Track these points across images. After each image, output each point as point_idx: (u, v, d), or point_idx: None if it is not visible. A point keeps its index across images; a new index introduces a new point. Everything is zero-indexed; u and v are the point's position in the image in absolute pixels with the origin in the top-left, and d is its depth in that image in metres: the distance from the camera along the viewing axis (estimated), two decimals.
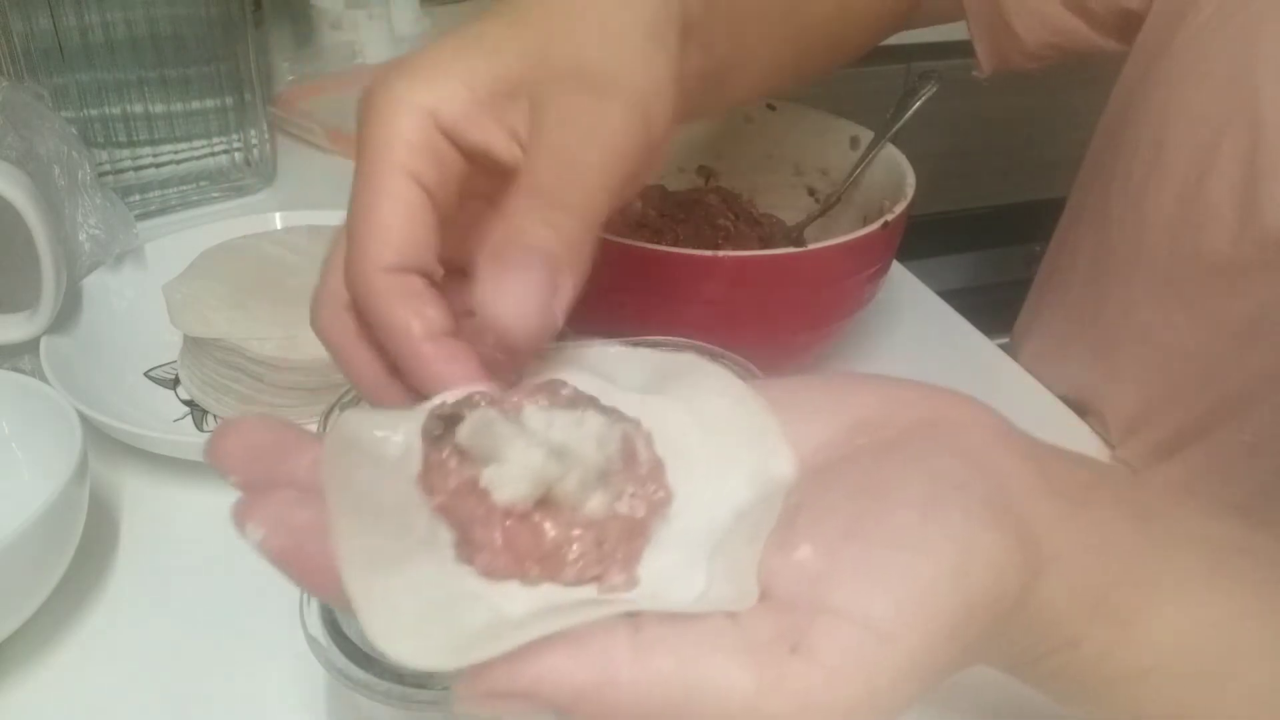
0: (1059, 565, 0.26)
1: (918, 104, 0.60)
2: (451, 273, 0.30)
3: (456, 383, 0.27)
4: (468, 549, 0.23)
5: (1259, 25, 0.48)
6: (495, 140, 0.30)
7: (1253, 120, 0.47)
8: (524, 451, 0.23)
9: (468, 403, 0.25)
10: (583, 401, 0.26)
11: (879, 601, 0.22)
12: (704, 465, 0.26)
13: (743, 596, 0.22)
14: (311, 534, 0.23)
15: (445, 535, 0.23)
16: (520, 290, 0.26)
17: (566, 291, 0.27)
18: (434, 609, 0.22)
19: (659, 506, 0.25)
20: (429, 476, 0.24)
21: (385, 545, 0.22)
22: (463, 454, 0.24)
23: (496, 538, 0.23)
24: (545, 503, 0.23)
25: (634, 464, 0.25)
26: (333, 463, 0.23)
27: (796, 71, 0.52)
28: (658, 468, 0.25)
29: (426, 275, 0.29)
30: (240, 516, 0.24)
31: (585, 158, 0.29)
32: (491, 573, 0.23)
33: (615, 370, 0.29)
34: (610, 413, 0.26)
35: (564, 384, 0.27)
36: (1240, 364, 0.50)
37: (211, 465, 0.25)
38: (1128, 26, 0.57)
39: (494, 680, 0.21)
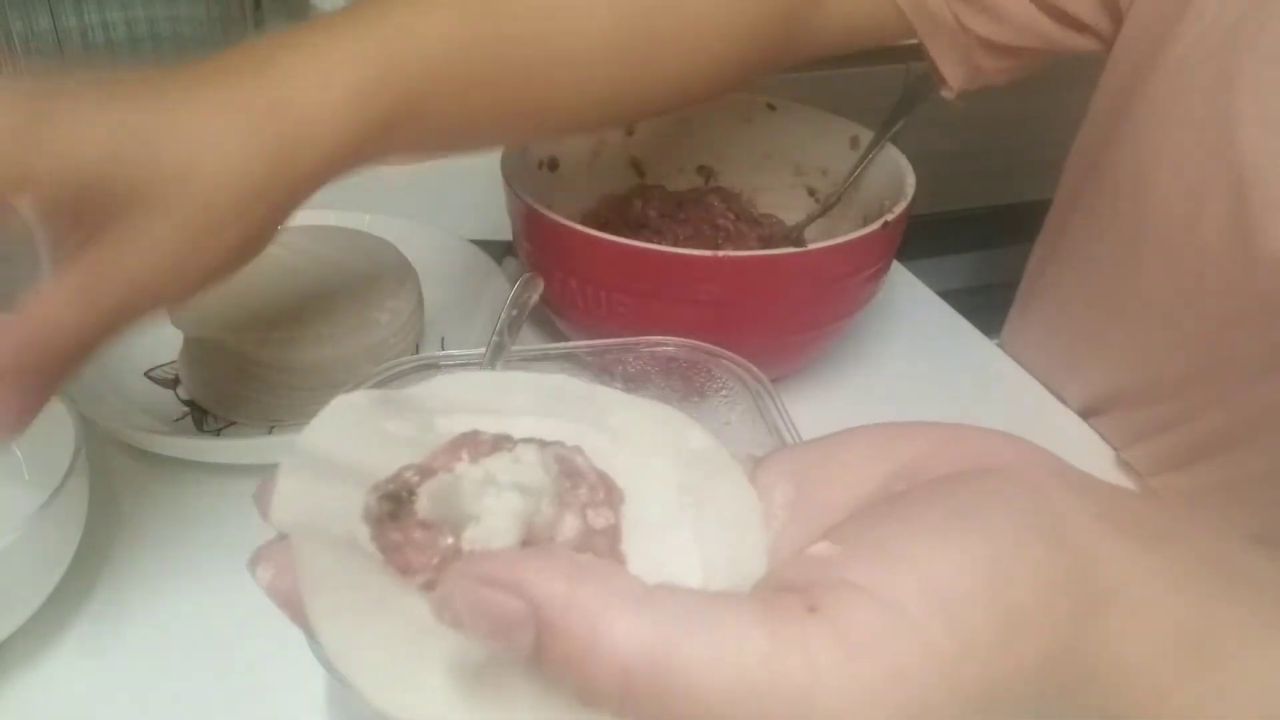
0: (1132, 603, 0.23)
1: (918, 104, 0.60)
2: None
3: None
4: None
5: (1238, 64, 0.47)
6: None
7: (1234, 165, 0.46)
8: (499, 500, 0.23)
9: (401, 479, 0.24)
10: (504, 441, 0.25)
11: (901, 580, 0.20)
12: (626, 462, 0.26)
13: (748, 577, 0.22)
14: None
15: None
16: None
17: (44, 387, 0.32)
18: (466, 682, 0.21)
19: (618, 506, 0.25)
20: (398, 557, 0.23)
21: (389, 641, 0.22)
22: (426, 526, 0.23)
23: None
24: (526, 543, 0.23)
25: (580, 478, 0.25)
26: (298, 555, 0.23)
27: (617, 109, 0.49)
28: (601, 474, 0.25)
29: None
30: (254, 559, 0.24)
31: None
32: None
33: (502, 401, 0.29)
34: (536, 442, 0.25)
35: (477, 433, 0.26)
36: (1253, 396, 0.49)
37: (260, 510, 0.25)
38: (1103, 24, 0.55)
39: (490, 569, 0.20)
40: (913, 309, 0.67)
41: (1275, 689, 0.24)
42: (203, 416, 0.54)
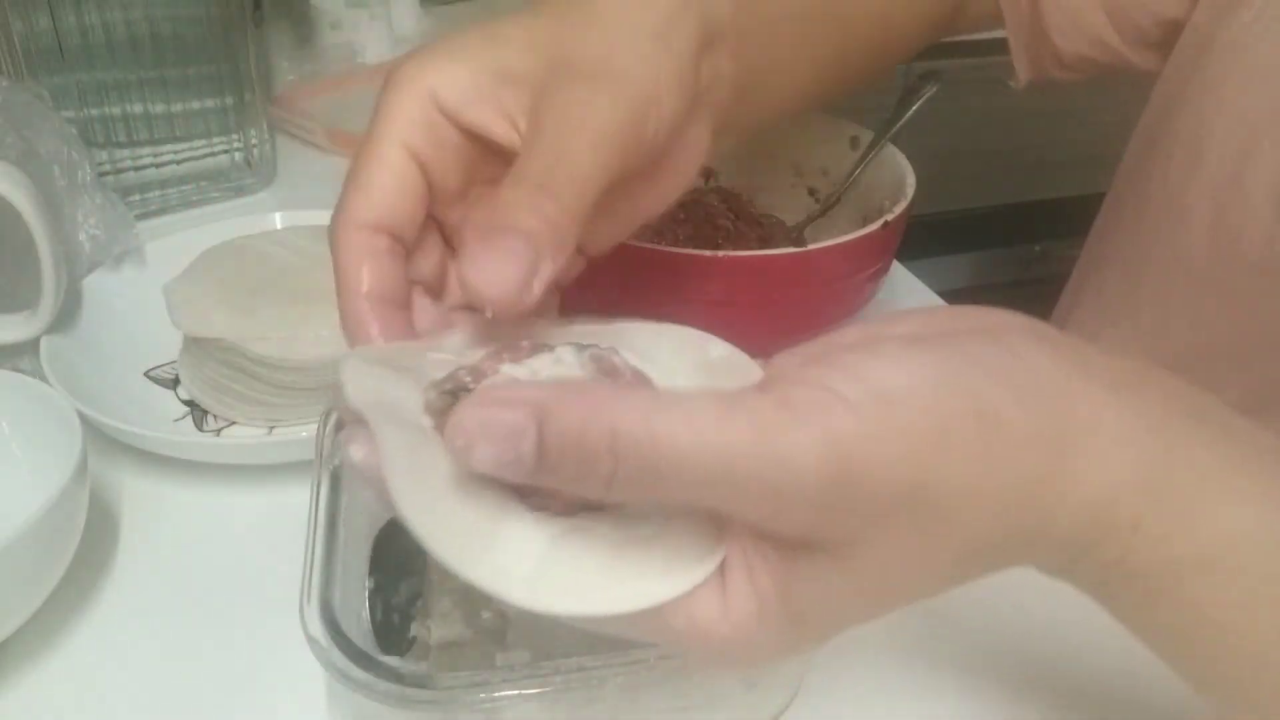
0: (1111, 437, 0.26)
1: (918, 104, 0.60)
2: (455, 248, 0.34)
3: (366, 342, 0.31)
4: (539, 499, 0.25)
5: None
6: (494, 124, 0.32)
7: None
8: None
9: (456, 377, 0.27)
10: (543, 347, 0.28)
11: (846, 377, 0.24)
12: (654, 369, 0.29)
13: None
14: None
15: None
16: (499, 267, 0.28)
17: (545, 272, 0.28)
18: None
19: None
20: None
21: (466, 519, 0.24)
22: None
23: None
24: None
25: (617, 374, 0.28)
26: (379, 436, 0.25)
27: (836, 81, 0.51)
28: (636, 370, 0.28)
29: (399, 239, 0.32)
30: (346, 438, 0.27)
31: (573, 145, 0.30)
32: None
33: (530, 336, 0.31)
34: (574, 345, 0.28)
35: (517, 342, 0.29)
36: (1275, 359, 0.50)
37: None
38: (1168, 40, 0.57)
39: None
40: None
41: (1242, 534, 0.26)
42: (203, 416, 0.54)
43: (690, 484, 0.23)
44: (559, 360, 0.27)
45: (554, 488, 0.24)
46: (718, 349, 0.31)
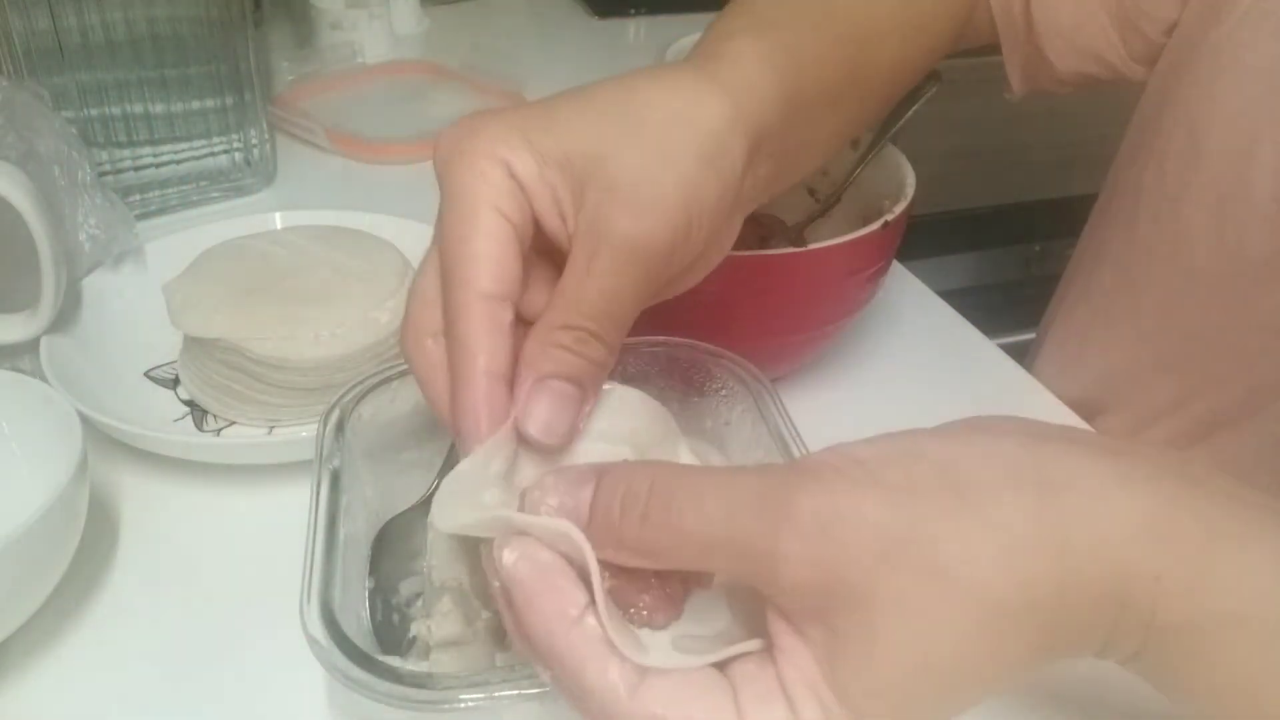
0: (1102, 481, 0.26)
1: (918, 104, 0.60)
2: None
3: (477, 424, 0.31)
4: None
5: None
6: (548, 212, 0.33)
7: None
8: None
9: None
10: None
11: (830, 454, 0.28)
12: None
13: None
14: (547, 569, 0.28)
15: None
16: (550, 414, 0.31)
17: (589, 405, 0.32)
18: None
19: None
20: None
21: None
22: None
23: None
24: None
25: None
26: None
27: (856, 123, 0.51)
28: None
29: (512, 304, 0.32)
30: (499, 547, 0.29)
31: (621, 284, 0.32)
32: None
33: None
34: None
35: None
36: (1273, 356, 0.50)
37: None
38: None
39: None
40: (913, 309, 0.67)
41: (1257, 589, 0.26)
42: (203, 416, 0.54)
43: (705, 530, 0.27)
44: None
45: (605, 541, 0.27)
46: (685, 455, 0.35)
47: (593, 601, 0.27)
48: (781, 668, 0.27)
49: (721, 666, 0.28)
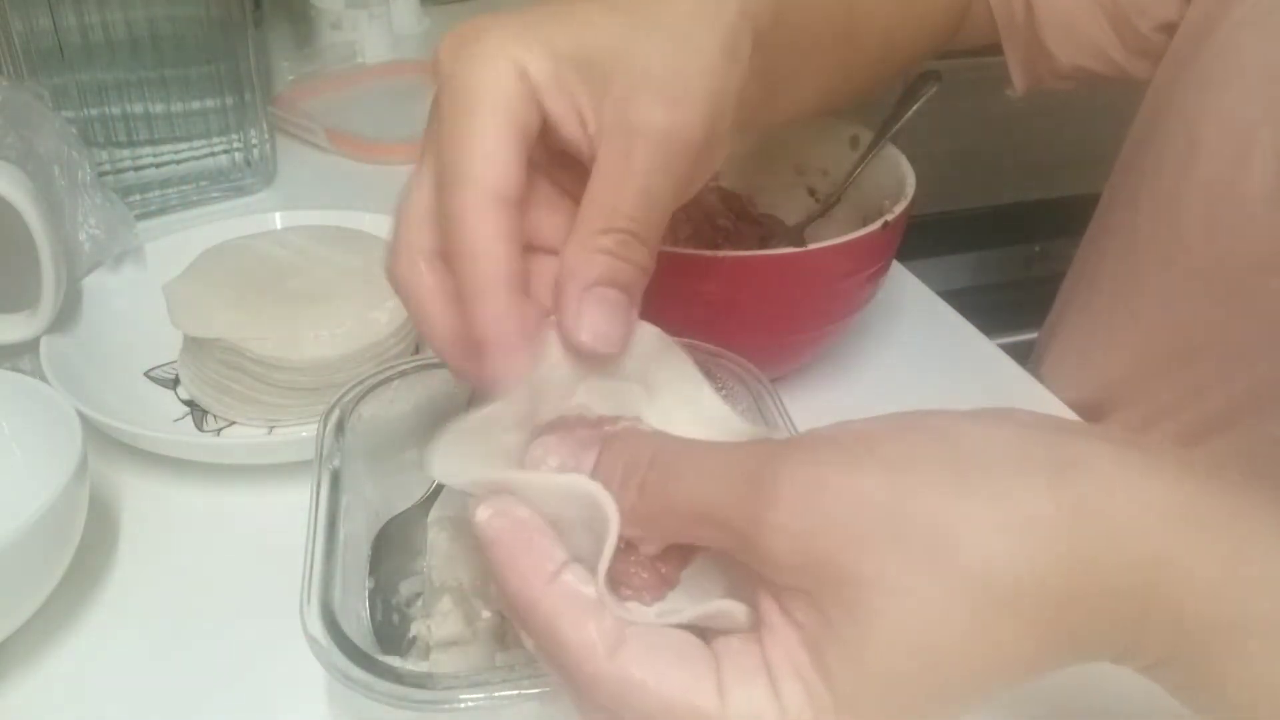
0: (1099, 473, 0.24)
1: (918, 104, 0.60)
2: None
3: (507, 340, 0.29)
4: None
5: None
6: (566, 119, 0.31)
7: None
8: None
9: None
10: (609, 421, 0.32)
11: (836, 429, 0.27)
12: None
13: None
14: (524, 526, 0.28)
15: None
16: (604, 323, 0.29)
17: (636, 313, 0.31)
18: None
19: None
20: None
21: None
22: None
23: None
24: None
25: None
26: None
27: (839, 94, 0.51)
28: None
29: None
30: (474, 507, 0.28)
31: (657, 182, 0.30)
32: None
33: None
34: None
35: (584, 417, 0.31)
36: (1271, 356, 0.50)
37: None
38: (1163, 48, 0.57)
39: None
40: (913, 309, 0.67)
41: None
42: (203, 416, 0.54)
43: (698, 499, 0.26)
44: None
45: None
46: (710, 406, 0.33)
47: (569, 562, 0.27)
48: (767, 647, 0.26)
49: (708, 639, 0.27)
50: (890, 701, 0.25)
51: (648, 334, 0.32)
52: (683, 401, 0.33)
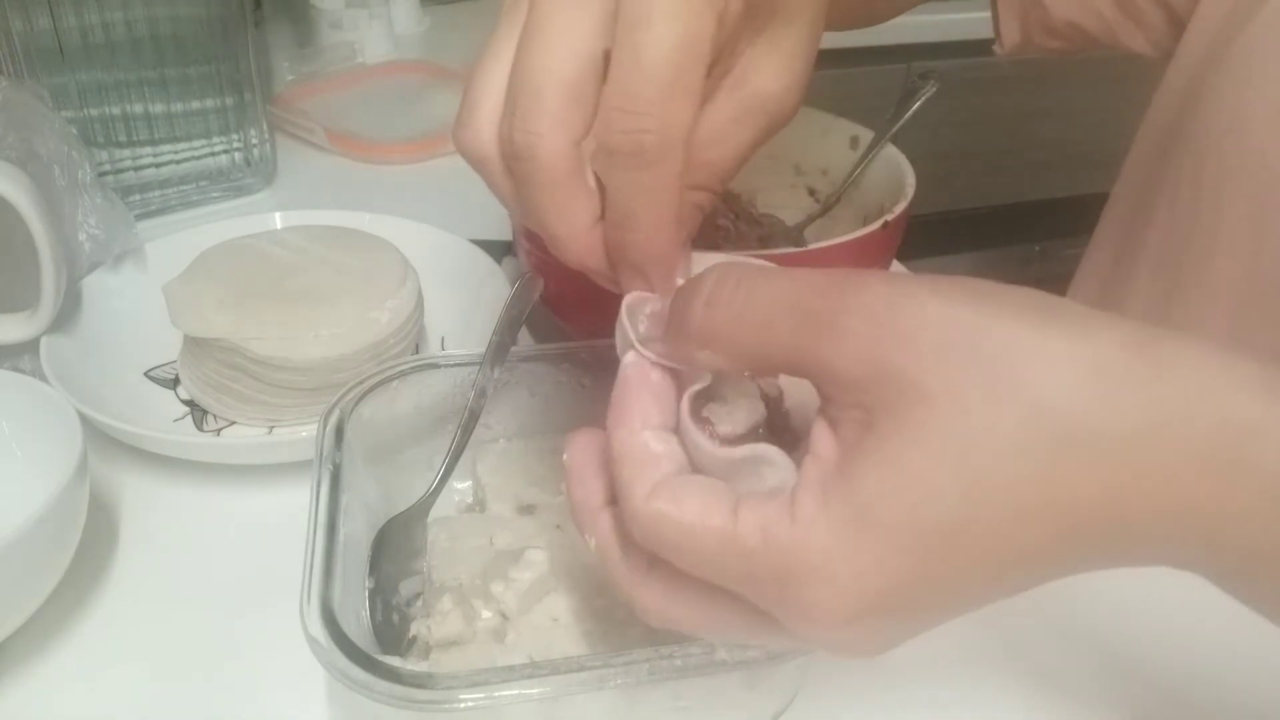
0: (1217, 353, 0.23)
1: (918, 104, 0.60)
2: None
3: (670, 271, 0.31)
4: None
5: None
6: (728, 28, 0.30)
7: None
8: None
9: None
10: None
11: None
12: None
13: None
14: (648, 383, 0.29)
15: None
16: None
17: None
18: None
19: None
20: None
21: None
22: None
23: None
24: None
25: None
26: None
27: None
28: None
29: None
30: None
31: (749, 155, 0.32)
32: None
33: None
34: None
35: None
36: None
37: None
38: (1159, 23, 0.56)
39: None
40: None
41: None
42: (203, 416, 0.54)
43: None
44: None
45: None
46: None
47: (660, 426, 0.29)
48: (802, 471, 0.25)
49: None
50: (911, 526, 0.23)
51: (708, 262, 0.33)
52: None
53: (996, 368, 0.22)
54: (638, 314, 0.31)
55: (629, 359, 0.30)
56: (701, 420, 0.29)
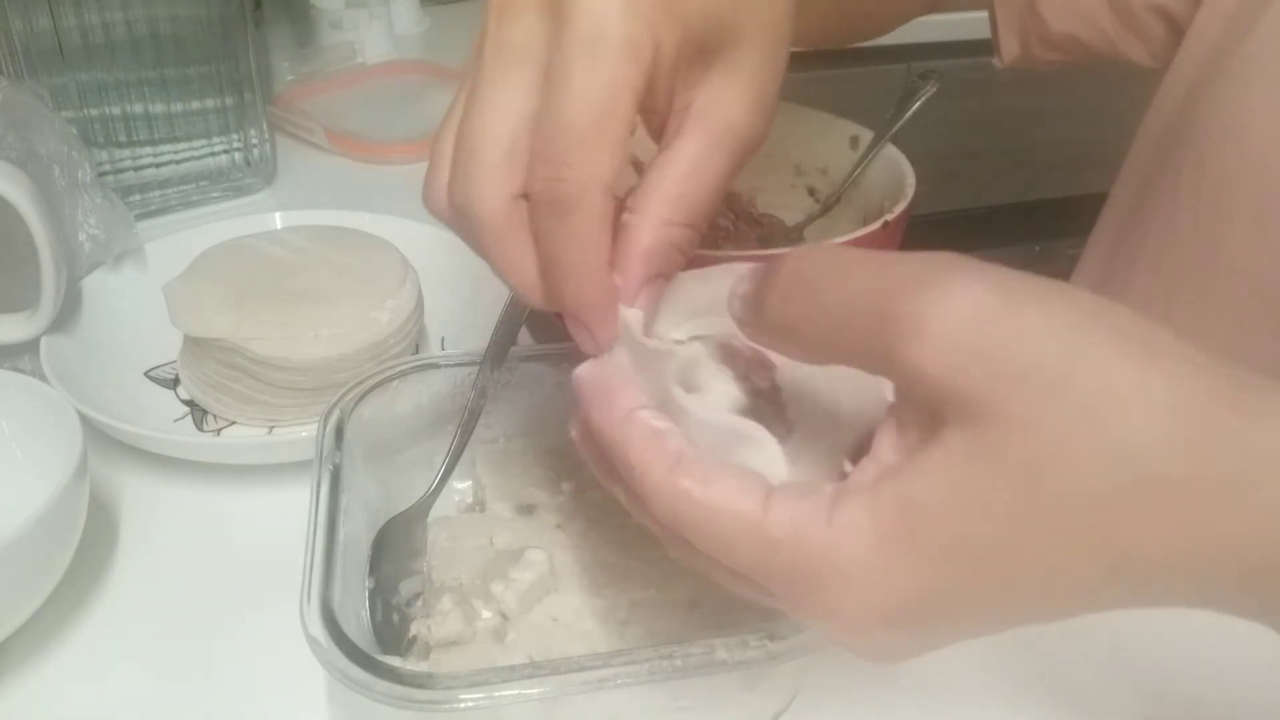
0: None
1: (918, 104, 0.60)
2: None
3: (607, 316, 0.31)
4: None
5: None
6: (659, 87, 0.31)
7: None
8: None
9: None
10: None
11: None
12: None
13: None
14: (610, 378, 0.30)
15: None
16: (649, 308, 0.31)
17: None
18: None
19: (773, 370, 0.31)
20: None
21: None
22: None
23: None
24: None
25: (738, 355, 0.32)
26: None
27: (838, 22, 0.51)
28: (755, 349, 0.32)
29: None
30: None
31: (725, 185, 0.32)
32: None
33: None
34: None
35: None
36: None
37: None
38: (1158, 33, 0.56)
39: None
40: None
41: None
42: (203, 416, 0.54)
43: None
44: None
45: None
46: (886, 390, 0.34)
47: (645, 406, 0.29)
48: (860, 470, 0.24)
49: None
50: (958, 548, 0.23)
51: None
52: None
53: (1083, 402, 0.22)
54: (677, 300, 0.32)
55: (582, 368, 0.30)
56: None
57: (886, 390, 0.26)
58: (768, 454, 0.27)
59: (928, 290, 0.23)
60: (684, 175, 0.31)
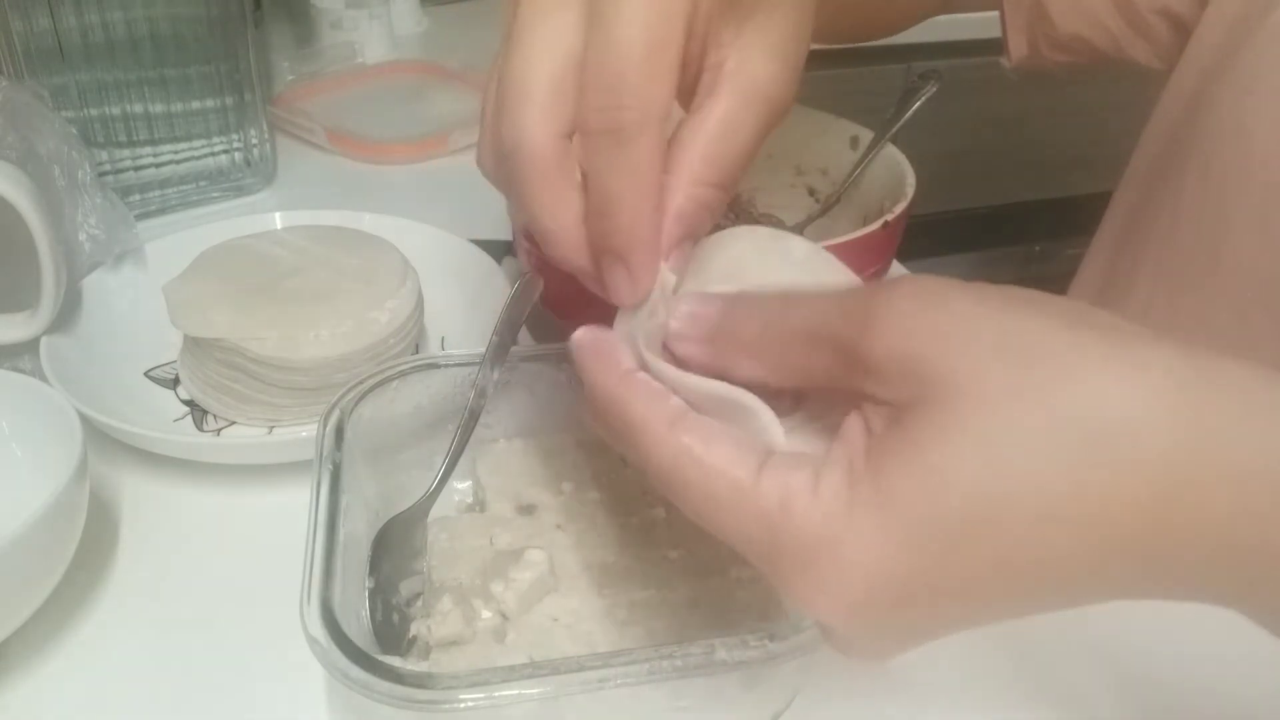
0: (1259, 372, 0.22)
1: (918, 104, 0.60)
2: None
3: (652, 262, 0.30)
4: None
5: None
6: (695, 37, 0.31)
7: None
8: None
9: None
10: None
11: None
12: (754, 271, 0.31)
13: None
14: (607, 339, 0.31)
15: None
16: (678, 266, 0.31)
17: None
18: None
19: None
20: None
21: None
22: None
23: None
24: None
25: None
26: None
27: (851, 19, 0.51)
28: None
29: None
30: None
31: (757, 148, 0.32)
32: None
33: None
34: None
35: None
36: None
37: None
38: (1165, 36, 0.56)
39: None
40: None
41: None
42: (203, 416, 0.54)
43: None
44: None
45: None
46: (799, 248, 0.32)
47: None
48: (833, 451, 0.25)
49: None
50: (932, 519, 0.23)
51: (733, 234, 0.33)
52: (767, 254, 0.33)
53: (1028, 364, 0.22)
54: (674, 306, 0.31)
55: (579, 331, 0.31)
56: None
57: None
58: (762, 421, 0.27)
59: (876, 293, 0.25)
60: (716, 136, 0.31)
